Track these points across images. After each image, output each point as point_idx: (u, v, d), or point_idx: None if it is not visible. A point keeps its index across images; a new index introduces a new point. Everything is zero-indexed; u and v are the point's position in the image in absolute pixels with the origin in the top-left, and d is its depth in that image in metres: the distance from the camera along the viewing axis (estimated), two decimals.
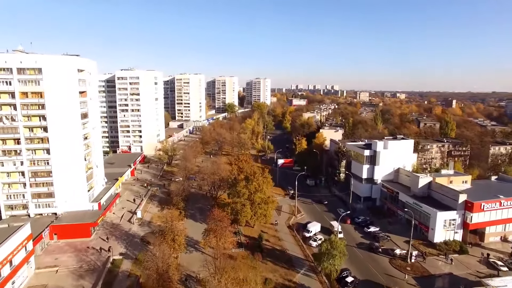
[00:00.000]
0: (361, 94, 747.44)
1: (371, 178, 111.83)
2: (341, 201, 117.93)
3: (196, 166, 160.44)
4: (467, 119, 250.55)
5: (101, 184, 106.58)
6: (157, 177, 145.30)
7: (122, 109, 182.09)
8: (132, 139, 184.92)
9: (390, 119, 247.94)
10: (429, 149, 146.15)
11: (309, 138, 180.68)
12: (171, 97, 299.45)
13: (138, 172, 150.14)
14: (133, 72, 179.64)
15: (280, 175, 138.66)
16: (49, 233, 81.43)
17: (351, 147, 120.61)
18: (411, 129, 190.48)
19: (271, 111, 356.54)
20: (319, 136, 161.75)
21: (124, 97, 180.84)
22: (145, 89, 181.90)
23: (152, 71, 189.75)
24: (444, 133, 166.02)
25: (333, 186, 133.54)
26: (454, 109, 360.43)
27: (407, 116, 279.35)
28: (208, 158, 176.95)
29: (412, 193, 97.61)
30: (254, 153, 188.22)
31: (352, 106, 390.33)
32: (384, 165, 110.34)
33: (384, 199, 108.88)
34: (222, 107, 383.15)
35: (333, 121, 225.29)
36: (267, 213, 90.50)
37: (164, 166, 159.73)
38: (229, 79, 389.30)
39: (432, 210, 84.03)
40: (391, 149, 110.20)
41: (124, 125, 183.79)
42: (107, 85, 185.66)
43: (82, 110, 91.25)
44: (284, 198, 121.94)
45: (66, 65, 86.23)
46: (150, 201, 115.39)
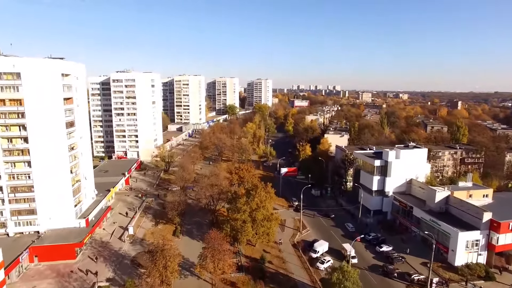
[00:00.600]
0: (363, 94, 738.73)
1: (381, 190, 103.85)
2: (349, 214, 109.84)
3: (194, 173, 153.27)
4: (476, 122, 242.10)
5: (91, 197, 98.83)
6: (153, 185, 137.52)
7: (117, 113, 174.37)
8: (128, 145, 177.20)
9: (396, 122, 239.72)
10: (441, 157, 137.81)
11: (313, 143, 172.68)
12: (170, 99, 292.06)
13: (133, 180, 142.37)
14: (129, 74, 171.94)
15: (283, 184, 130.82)
16: (29, 255, 73.60)
17: (360, 156, 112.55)
18: (419, 133, 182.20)
19: (273, 113, 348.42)
20: (324, 142, 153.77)
21: (119, 100, 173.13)
22: (141, 92, 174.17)
23: (149, 73, 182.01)
24: (456, 139, 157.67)
25: (340, 196, 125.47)
26: (460, 111, 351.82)
27: (413, 119, 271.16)
28: (207, 164, 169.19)
29: (428, 208, 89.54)
30: (255, 159, 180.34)
31: (356, 108, 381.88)
32: (396, 176, 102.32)
33: (396, 213, 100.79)
34: (223, 108, 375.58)
35: (337, 124, 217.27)
36: (270, 231, 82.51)
37: (160, 173, 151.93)
38: (230, 80, 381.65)
39: (452, 230, 75.90)
40: (403, 158, 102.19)
41: (120, 129, 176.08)
42: (102, 88, 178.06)
43: (67, 118, 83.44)
44: (288, 211, 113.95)
45: (49, 69, 78.35)
46: (144, 214, 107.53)
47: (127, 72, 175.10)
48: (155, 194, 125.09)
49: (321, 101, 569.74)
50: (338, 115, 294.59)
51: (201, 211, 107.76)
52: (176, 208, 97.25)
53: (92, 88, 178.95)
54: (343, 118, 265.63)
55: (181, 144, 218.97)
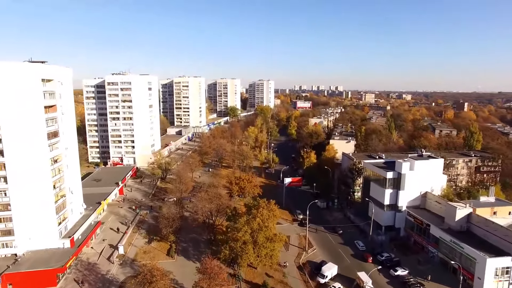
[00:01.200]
0: (366, 95, 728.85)
1: (394, 205, 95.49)
2: (358, 229, 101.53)
3: (193, 181, 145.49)
4: (487, 125, 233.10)
5: (79, 212, 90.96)
6: (149, 195, 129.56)
7: (113, 117, 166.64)
8: (124, 150, 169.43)
9: (403, 126, 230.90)
10: (455, 165, 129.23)
11: (317, 149, 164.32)
12: (169, 101, 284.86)
13: (128, 189, 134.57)
14: (125, 77, 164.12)
15: (287, 195, 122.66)
16: (2, 283, 65.67)
17: (370, 167, 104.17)
18: (429, 139, 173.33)
19: (275, 115, 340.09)
20: (329, 149, 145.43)
21: (115, 104, 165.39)
22: (138, 95, 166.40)
23: (145, 76, 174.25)
24: (469, 145, 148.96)
25: (348, 208, 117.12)
26: (467, 113, 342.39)
27: (420, 122, 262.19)
28: (207, 172, 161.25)
29: (447, 227, 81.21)
30: (257, 165, 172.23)
31: (360, 109, 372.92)
32: (410, 189, 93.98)
33: (410, 229, 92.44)
34: (224, 110, 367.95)
35: (342, 128, 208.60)
36: (274, 253, 74.34)
37: (157, 181, 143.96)
38: (231, 81, 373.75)
39: (479, 255, 67.44)
40: (417, 170, 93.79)
41: (115, 134, 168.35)
42: (97, 91, 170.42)
43: (50, 128, 75.61)
44: (292, 225, 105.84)
45: (26, 75, 70.45)
46: (137, 230, 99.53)
47: (123, 74, 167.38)
48: (150, 206, 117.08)
49: (324, 102, 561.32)
50: (342, 117, 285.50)
51: (198, 226, 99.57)
52: (170, 225, 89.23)
53: (87, 91, 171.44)
54: (347, 121, 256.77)
55: (180, 149, 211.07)
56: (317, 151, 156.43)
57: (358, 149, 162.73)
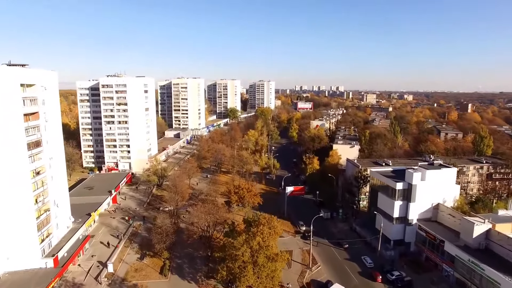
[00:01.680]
0: (367, 96, 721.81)
1: (404, 217, 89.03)
2: (365, 243, 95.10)
3: (190, 188, 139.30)
4: (494, 128, 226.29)
5: (65, 226, 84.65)
6: (144, 204, 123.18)
7: (107, 121, 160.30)
8: (120, 155, 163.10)
9: (408, 128, 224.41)
10: (465, 172, 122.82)
11: (320, 154, 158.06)
12: (168, 103, 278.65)
13: (122, 197, 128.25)
14: (120, 79, 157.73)
15: (289, 204, 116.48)
16: None
17: (378, 176, 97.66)
18: (435, 143, 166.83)
19: (275, 116, 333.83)
20: (333, 155, 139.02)
21: (109, 107, 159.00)
22: (133, 98, 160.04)
23: (141, 78, 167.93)
24: (479, 151, 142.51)
25: (353, 219, 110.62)
26: (472, 115, 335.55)
27: (425, 124, 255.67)
28: (205, 178, 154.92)
29: (463, 243, 74.74)
30: (257, 170, 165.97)
31: (362, 111, 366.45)
32: (421, 201, 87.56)
33: (421, 244, 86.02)
34: (224, 112, 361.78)
35: (345, 131, 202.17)
36: (276, 274, 67.82)
37: (153, 189, 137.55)
38: (231, 82, 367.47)
39: (504, 279, 60.87)
40: (429, 180, 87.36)
41: (110, 139, 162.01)
42: (91, 94, 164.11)
43: (30, 137, 69.34)
44: (295, 238, 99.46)
45: (1, 79, 63.94)
46: (129, 243, 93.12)
47: (118, 76, 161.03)
48: (143, 216, 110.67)
49: (325, 103, 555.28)
50: (345, 119, 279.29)
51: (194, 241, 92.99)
52: (164, 240, 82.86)
53: (81, 93, 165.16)
54: (350, 123, 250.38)
55: (178, 152, 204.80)
56: (320, 156, 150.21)
57: (362, 154, 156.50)
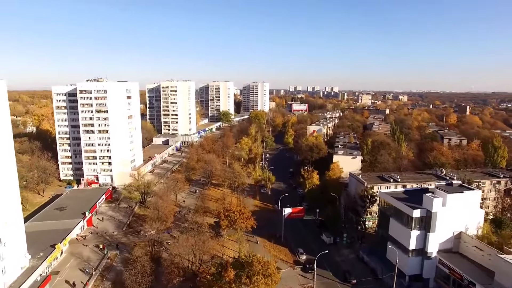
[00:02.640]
0: (363, 97, 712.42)
1: (421, 249, 76.66)
2: (375, 275, 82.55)
3: (177, 206, 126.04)
4: (500, 133, 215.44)
5: (19, 267, 70.67)
6: (123, 227, 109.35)
7: (86, 130, 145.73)
8: (100, 167, 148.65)
9: (410, 134, 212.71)
10: (481, 187, 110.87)
11: (319, 165, 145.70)
12: (157, 107, 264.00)
13: (100, 218, 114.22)
14: (100, 84, 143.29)
15: (287, 224, 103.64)
16: None
17: (389, 200, 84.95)
18: (442, 151, 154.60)
19: (270, 120, 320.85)
20: (334, 168, 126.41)
21: (88, 115, 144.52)
22: (115, 105, 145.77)
23: (123, 83, 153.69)
24: (492, 162, 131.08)
25: (359, 244, 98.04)
26: (472, 118, 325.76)
27: (426, 129, 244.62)
28: (193, 193, 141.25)
29: (499, 286, 62.52)
30: (251, 183, 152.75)
31: (359, 113, 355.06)
32: (442, 230, 75.29)
33: (442, 281, 73.78)
34: (216, 115, 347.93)
35: (344, 138, 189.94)
36: None
37: (135, 207, 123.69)
38: (224, 85, 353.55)
39: None
40: (451, 206, 75.06)
41: (90, 149, 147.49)
42: (69, 100, 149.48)
43: None
44: (294, 270, 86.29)
45: None
46: (101, 281, 79.45)
47: (98, 81, 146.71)
48: (121, 243, 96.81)
49: (320, 104, 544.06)
50: (342, 124, 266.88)
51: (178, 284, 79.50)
52: (139, 282, 69.38)
53: (57, 99, 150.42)
54: (349, 128, 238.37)
55: (166, 162, 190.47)
56: (319, 167, 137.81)
57: (365, 164, 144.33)
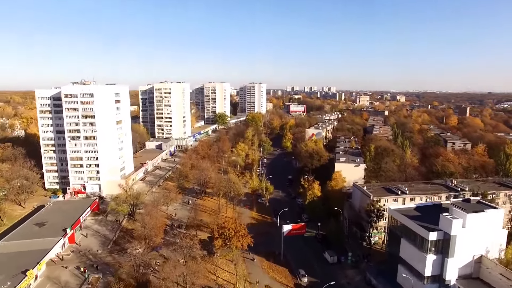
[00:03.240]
0: (361, 98, 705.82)
1: (438, 276, 68.72)
2: None
3: (168, 218, 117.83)
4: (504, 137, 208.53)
5: None
6: (109, 243, 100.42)
7: (72, 136, 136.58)
8: (87, 176, 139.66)
9: (412, 138, 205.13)
10: (495, 199, 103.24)
11: (320, 173, 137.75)
12: (150, 110, 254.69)
13: (83, 234, 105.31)
14: (86, 87, 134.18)
15: (286, 239, 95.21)
16: None
17: (400, 218, 76.80)
18: (448, 158, 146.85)
19: (267, 123, 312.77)
20: (336, 178, 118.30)
21: (74, 120, 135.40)
22: (103, 109, 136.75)
23: (112, 86, 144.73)
24: (504, 171, 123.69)
25: (366, 263, 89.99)
26: (474, 120, 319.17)
27: (428, 133, 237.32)
28: (186, 204, 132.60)
29: None
30: (248, 191, 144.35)
31: (358, 115, 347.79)
32: (461, 254, 67.40)
33: None
34: (212, 117, 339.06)
35: (345, 143, 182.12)
36: None
37: (123, 220, 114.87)
38: (220, 86, 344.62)
39: None
40: (471, 227, 67.26)
41: (76, 157, 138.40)
42: (53, 104, 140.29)
43: None
44: None
45: None
46: None
47: (84, 84, 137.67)
48: (96, 266, 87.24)
49: (318, 105, 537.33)
50: (342, 126, 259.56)
51: None
52: None
53: (41, 103, 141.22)
54: (349, 132, 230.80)
55: (158, 168, 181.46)
56: (319, 175, 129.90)
57: (369, 173, 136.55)
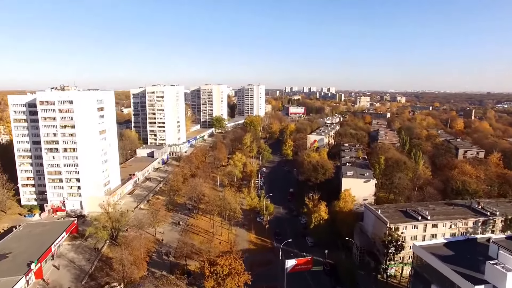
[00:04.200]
0: (361, 99, 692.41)
1: None
2: None
3: (155, 242, 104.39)
4: None
5: None
6: (83, 278, 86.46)
7: (49, 147, 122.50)
8: (67, 192, 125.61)
9: (421, 146, 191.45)
10: None
11: (325, 188, 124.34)
12: (142, 114, 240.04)
13: (55, 265, 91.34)
14: (64, 94, 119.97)
15: (290, 277, 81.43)
16: None
17: (430, 259, 62.91)
18: (464, 170, 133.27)
19: (266, 126, 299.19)
20: (345, 197, 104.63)
21: (51, 130, 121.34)
22: (83, 118, 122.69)
23: (94, 92, 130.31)
24: None
25: None
26: (482, 125, 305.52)
27: (437, 138, 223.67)
28: (176, 224, 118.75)
29: None
30: (245, 208, 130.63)
31: (361, 120, 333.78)
32: None
33: None
34: (209, 120, 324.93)
35: (350, 151, 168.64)
36: None
37: (103, 246, 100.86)
38: (217, 88, 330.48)
39: None
40: None
41: (54, 171, 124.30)
42: (29, 111, 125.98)
43: None
44: None
45: None
46: None
47: (64, 89, 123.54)
48: None
49: (318, 107, 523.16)
50: (345, 132, 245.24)
51: None
52: None
53: (15, 111, 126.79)
54: (352, 137, 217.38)
55: (149, 179, 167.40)
56: (324, 191, 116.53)
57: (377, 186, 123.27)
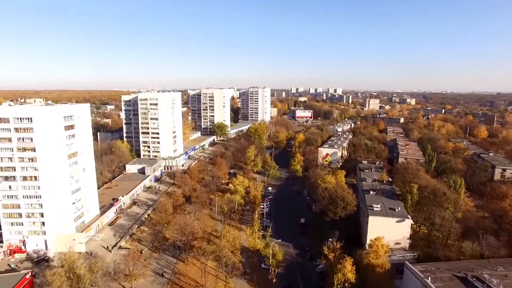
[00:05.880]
0: (370, 101, 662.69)
1: None
2: None
3: None
4: None
5: None
6: None
7: (4, 175, 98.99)
8: (28, 229, 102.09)
9: (450, 163, 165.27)
10: None
11: (345, 225, 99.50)
12: (135, 123, 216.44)
13: None
14: (22, 109, 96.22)
15: None
16: None
17: None
18: None
19: (272, 135, 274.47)
20: (377, 249, 79.40)
21: (7, 154, 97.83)
22: (47, 138, 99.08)
23: (61, 107, 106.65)
24: None
25: None
26: (510, 132, 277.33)
27: (465, 152, 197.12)
28: (159, 276, 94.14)
29: None
30: (247, 246, 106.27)
31: (375, 127, 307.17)
32: None
33: None
34: (210, 127, 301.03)
35: (371, 171, 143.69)
36: None
37: None
38: (218, 92, 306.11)
39: None
40: None
41: (11, 204, 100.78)
42: None
43: None
44: None
45: None
46: None
47: (20, 103, 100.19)
48: None
49: (326, 110, 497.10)
50: (359, 142, 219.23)
51: None
52: None
53: None
54: (369, 152, 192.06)
55: (136, 203, 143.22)
56: (344, 229, 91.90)
57: (416, 229, 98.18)
